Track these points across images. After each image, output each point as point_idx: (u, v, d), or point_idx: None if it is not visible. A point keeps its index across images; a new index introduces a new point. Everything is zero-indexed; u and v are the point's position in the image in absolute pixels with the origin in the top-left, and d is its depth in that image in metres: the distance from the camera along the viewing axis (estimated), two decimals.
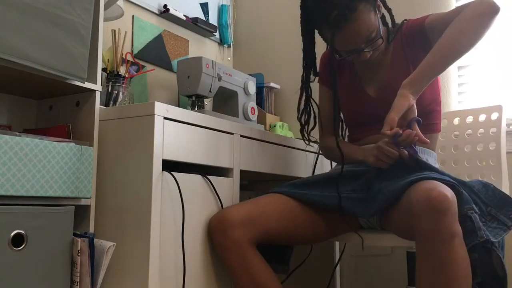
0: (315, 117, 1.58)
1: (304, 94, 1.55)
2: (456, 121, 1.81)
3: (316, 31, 1.48)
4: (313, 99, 1.55)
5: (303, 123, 1.56)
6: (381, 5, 1.40)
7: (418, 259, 1.10)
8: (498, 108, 1.69)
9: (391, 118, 1.21)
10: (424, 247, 1.08)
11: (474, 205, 1.15)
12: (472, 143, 1.74)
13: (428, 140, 1.20)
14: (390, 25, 1.50)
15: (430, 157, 1.45)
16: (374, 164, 1.33)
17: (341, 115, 1.61)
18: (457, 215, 1.08)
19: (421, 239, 1.08)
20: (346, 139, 1.63)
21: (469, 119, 1.78)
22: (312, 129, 1.57)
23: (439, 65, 1.24)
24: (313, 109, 1.55)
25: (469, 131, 1.76)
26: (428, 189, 1.08)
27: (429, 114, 1.44)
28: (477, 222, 1.11)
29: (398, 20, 1.51)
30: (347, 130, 1.62)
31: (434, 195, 1.06)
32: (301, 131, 1.56)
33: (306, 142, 1.57)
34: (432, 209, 1.05)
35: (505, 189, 1.65)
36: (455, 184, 1.14)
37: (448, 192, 1.08)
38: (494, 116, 1.70)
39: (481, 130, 1.73)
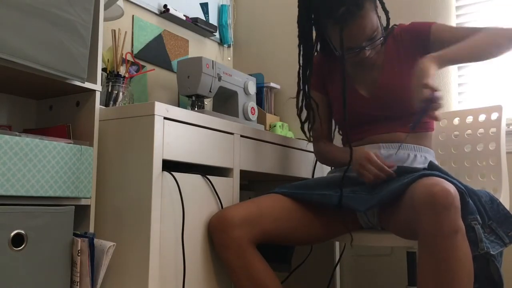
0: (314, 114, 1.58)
1: (302, 90, 1.55)
2: (456, 121, 1.81)
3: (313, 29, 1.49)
4: (312, 97, 1.55)
5: (303, 120, 1.56)
6: (379, 6, 1.42)
7: (420, 255, 1.10)
8: (498, 108, 1.69)
9: (432, 76, 1.20)
10: (426, 243, 1.08)
11: (478, 216, 1.15)
12: (472, 143, 1.74)
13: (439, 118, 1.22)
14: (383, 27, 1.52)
15: (429, 154, 1.45)
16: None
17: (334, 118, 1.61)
18: (460, 211, 1.08)
19: (423, 235, 1.08)
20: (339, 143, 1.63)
21: (469, 119, 1.78)
22: (313, 124, 1.56)
23: (463, 58, 1.30)
24: (312, 105, 1.55)
25: (469, 131, 1.76)
26: (430, 184, 1.08)
27: None
28: (480, 234, 1.13)
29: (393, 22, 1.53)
30: (339, 133, 1.63)
31: (437, 190, 1.06)
32: (302, 128, 1.56)
33: (306, 139, 1.58)
34: (435, 204, 1.05)
35: (505, 189, 1.65)
36: (463, 191, 1.15)
37: (451, 187, 1.08)
38: (494, 116, 1.70)
39: (481, 130, 1.73)
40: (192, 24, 2.23)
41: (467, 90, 2.02)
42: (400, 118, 1.44)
